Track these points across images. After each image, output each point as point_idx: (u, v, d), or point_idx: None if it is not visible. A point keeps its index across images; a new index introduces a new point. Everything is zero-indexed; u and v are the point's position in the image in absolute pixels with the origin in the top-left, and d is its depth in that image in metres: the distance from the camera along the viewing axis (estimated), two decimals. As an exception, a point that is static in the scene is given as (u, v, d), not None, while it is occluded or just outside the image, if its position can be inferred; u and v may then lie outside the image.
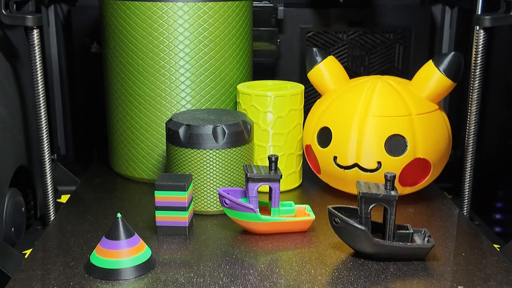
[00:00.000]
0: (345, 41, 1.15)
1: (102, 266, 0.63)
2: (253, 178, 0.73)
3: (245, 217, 0.73)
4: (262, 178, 0.73)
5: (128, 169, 0.94)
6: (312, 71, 0.89)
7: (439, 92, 0.83)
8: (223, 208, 0.74)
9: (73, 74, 1.15)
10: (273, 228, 0.74)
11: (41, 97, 0.83)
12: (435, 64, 0.82)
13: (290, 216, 0.75)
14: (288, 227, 0.75)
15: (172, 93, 0.88)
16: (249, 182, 0.73)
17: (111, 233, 0.65)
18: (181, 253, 0.70)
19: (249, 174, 0.73)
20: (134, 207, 0.84)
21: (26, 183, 0.92)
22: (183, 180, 0.73)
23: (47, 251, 0.70)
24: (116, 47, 0.90)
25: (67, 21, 1.13)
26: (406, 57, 1.16)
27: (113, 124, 0.95)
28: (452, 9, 1.15)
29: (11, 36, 0.89)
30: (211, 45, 0.88)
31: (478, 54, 0.82)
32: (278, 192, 0.74)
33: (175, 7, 0.85)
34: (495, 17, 0.81)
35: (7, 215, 0.81)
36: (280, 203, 0.76)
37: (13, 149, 0.86)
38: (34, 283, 0.62)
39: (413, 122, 0.80)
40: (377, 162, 0.80)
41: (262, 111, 0.86)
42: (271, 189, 0.74)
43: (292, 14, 1.13)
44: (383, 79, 0.85)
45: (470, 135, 0.86)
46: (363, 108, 0.82)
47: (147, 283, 0.62)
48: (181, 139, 0.79)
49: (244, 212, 0.72)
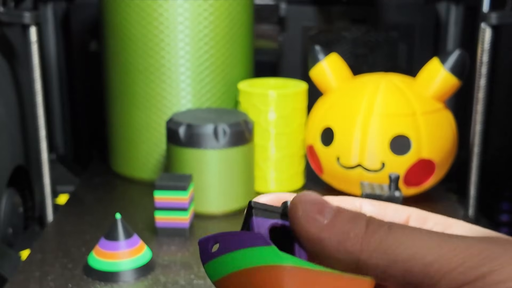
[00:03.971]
0: (348, 39, 1.13)
1: (101, 268, 0.62)
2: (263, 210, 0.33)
3: (252, 259, 0.29)
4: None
5: (128, 169, 0.93)
6: (314, 69, 0.88)
7: (444, 91, 0.81)
8: (209, 267, 0.29)
9: (71, 72, 1.14)
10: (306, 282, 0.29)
11: (39, 95, 0.82)
12: (441, 62, 0.80)
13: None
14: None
15: (172, 91, 0.87)
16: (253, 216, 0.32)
17: (110, 234, 0.63)
18: (181, 254, 0.68)
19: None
20: (134, 207, 0.83)
21: (24, 183, 0.91)
22: (184, 180, 0.72)
23: (45, 252, 0.69)
24: (115, 45, 0.89)
25: (65, 18, 1.12)
26: (410, 55, 1.15)
27: (112, 123, 0.94)
28: (457, 6, 1.13)
29: (9, 34, 0.88)
30: (212, 43, 0.87)
31: (484, 52, 0.81)
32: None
33: (175, 4, 0.84)
34: (501, 15, 0.80)
35: (5, 216, 0.80)
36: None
37: (11, 149, 0.85)
38: (32, 285, 0.61)
39: (418, 121, 0.79)
40: (381, 162, 0.79)
41: (263, 110, 0.85)
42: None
43: (294, 12, 1.11)
44: (387, 77, 0.84)
45: (475, 134, 0.84)
46: (367, 107, 0.80)
47: (147, 286, 0.61)
48: (182, 139, 0.78)
49: (251, 247, 0.31)
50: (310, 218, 0.26)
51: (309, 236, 0.27)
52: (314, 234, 0.27)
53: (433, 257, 0.25)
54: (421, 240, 0.26)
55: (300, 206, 0.27)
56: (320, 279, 0.26)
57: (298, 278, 0.25)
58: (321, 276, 0.26)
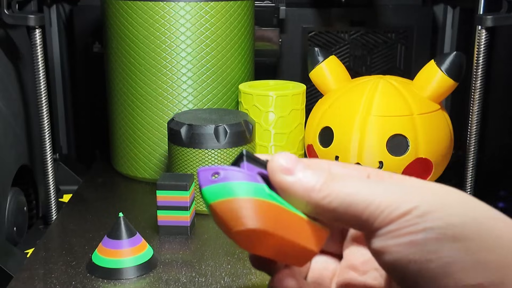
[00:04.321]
0: (346, 41, 1.15)
1: (104, 265, 0.63)
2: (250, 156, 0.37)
3: (246, 191, 0.34)
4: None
5: (130, 169, 0.95)
6: (313, 71, 0.89)
7: (441, 92, 0.83)
8: (207, 191, 0.34)
9: (75, 74, 1.15)
10: (282, 223, 0.35)
11: (43, 96, 0.83)
12: (437, 64, 0.82)
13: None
14: (299, 230, 0.36)
15: (174, 92, 0.89)
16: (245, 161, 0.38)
17: (113, 232, 0.65)
18: (183, 252, 0.70)
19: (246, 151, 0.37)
20: (136, 206, 0.84)
21: (28, 183, 0.93)
22: (185, 179, 0.73)
23: (49, 250, 0.70)
24: (118, 47, 0.90)
25: (69, 21, 1.13)
26: (408, 57, 1.16)
27: (115, 124, 0.95)
28: (454, 9, 1.15)
29: (13, 36, 0.90)
30: (213, 44, 0.88)
31: (480, 54, 0.82)
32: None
33: (177, 6, 0.85)
34: (497, 17, 0.81)
35: (9, 215, 0.81)
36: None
37: (15, 149, 0.86)
38: (36, 282, 0.62)
39: (415, 122, 0.80)
40: (378, 162, 0.80)
41: (263, 110, 0.87)
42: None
43: (294, 14, 1.13)
44: (385, 78, 0.85)
45: (472, 135, 0.86)
46: (365, 108, 0.82)
47: (149, 283, 0.62)
48: (183, 139, 0.79)
49: (248, 182, 0.35)
50: (284, 171, 0.34)
51: (282, 186, 0.34)
52: (286, 185, 0.34)
53: (370, 199, 0.31)
54: (364, 188, 0.32)
55: (276, 161, 0.34)
56: (293, 218, 0.34)
57: (277, 212, 0.34)
58: (294, 216, 0.34)
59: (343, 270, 0.40)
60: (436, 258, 0.30)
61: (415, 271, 0.30)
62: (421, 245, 0.30)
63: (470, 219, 0.30)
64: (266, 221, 0.33)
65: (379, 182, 0.33)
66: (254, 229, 0.32)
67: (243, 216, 0.32)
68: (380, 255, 0.32)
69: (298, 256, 0.36)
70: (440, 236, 0.30)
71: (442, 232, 0.30)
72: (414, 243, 0.30)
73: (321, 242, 0.36)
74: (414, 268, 0.30)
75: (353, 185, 0.32)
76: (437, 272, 0.30)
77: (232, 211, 0.33)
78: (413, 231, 0.30)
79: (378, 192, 0.32)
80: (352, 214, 0.32)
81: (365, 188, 0.32)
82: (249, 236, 0.33)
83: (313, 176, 0.33)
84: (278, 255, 0.35)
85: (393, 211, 0.31)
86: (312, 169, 0.34)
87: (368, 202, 0.31)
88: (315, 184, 0.33)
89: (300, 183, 0.33)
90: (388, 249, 0.31)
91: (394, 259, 0.31)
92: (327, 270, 0.40)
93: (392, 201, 0.31)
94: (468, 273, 0.29)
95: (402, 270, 0.31)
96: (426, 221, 0.30)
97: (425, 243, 0.30)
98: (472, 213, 0.31)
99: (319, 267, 0.40)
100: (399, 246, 0.30)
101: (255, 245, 0.34)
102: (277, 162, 0.34)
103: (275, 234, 0.33)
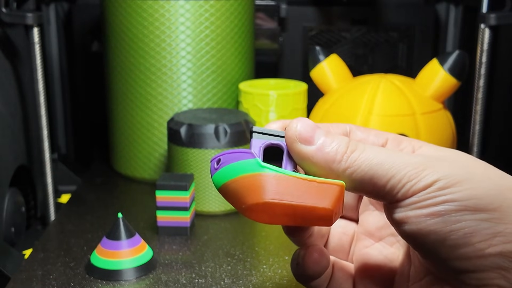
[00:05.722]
0: (348, 39, 1.14)
1: (103, 266, 0.63)
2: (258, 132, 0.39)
3: (242, 170, 0.36)
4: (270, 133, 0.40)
5: (129, 169, 0.94)
6: (314, 69, 0.88)
7: (443, 91, 0.82)
8: (213, 179, 0.37)
9: (74, 73, 1.15)
10: (283, 191, 0.35)
11: (42, 96, 0.82)
12: (440, 63, 0.81)
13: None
14: (306, 193, 0.36)
15: (173, 92, 0.88)
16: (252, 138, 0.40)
17: (112, 233, 0.64)
18: (183, 253, 0.69)
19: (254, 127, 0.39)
20: (135, 207, 0.83)
21: (27, 183, 0.92)
22: (185, 179, 0.72)
23: (47, 251, 0.70)
24: (117, 46, 0.89)
25: (67, 19, 1.12)
26: (410, 56, 1.16)
27: (114, 123, 0.95)
28: (457, 7, 1.14)
29: (11, 35, 0.89)
30: (213, 43, 0.88)
31: (483, 53, 0.82)
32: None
33: (176, 5, 0.85)
34: (500, 15, 0.80)
35: (7, 215, 0.81)
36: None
37: (13, 149, 0.85)
38: (34, 283, 0.62)
39: (417, 121, 0.80)
40: (380, 162, 0.80)
41: (264, 110, 0.86)
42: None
43: (294, 12, 1.12)
44: (386, 78, 0.85)
45: (475, 134, 0.85)
46: (367, 107, 0.81)
47: (148, 284, 0.62)
48: (183, 139, 0.78)
49: (241, 160, 0.37)
50: (302, 141, 0.33)
51: (301, 156, 0.33)
52: (305, 155, 0.33)
53: (393, 172, 0.31)
54: (387, 160, 0.32)
55: (294, 129, 0.33)
56: (295, 182, 0.33)
57: (275, 182, 0.33)
58: (296, 181, 0.33)
59: (359, 237, 0.40)
60: (456, 228, 0.30)
61: (436, 240, 0.31)
62: (442, 216, 0.30)
63: (494, 191, 0.31)
64: (262, 194, 0.33)
65: (401, 154, 0.33)
66: (252, 205, 0.33)
67: (241, 195, 0.34)
68: (401, 225, 0.32)
69: (316, 217, 0.34)
70: (461, 207, 0.30)
71: (464, 204, 0.30)
72: (435, 214, 0.31)
73: (333, 198, 0.34)
74: (435, 238, 0.31)
75: (375, 157, 0.32)
76: (458, 242, 0.30)
77: (232, 193, 0.34)
78: (435, 203, 0.31)
79: (401, 165, 0.32)
80: (374, 186, 0.32)
81: (388, 160, 0.32)
82: (255, 211, 0.34)
83: (333, 145, 0.33)
84: (296, 221, 0.35)
85: (416, 184, 0.31)
86: (332, 136, 0.33)
87: (391, 175, 0.32)
88: (335, 154, 0.33)
89: (320, 154, 0.33)
90: (409, 220, 0.31)
91: (415, 230, 0.31)
92: (346, 235, 0.41)
93: (415, 174, 0.31)
94: (488, 243, 0.30)
95: (422, 239, 0.31)
96: (447, 193, 0.31)
97: (446, 214, 0.30)
98: (496, 185, 0.32)
99: (339, 231, 0.41)
100: (420, 217, 0.31)
101: (266, 217, 0.34)
102: (294, 130, 0.33)
103: (277, 203, 0.33)
